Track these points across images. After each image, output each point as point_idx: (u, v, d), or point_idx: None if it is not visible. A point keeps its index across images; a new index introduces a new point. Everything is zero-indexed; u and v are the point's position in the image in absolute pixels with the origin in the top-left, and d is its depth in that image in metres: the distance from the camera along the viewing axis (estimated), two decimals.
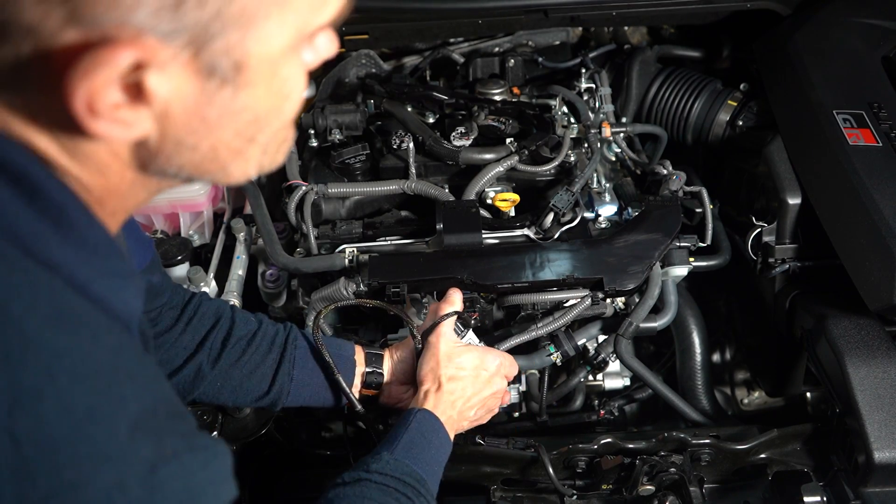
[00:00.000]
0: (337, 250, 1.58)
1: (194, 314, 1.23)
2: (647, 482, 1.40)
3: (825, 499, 1.36)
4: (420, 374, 1.29)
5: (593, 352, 1.62)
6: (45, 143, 0.68)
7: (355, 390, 1.32)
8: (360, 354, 1.33)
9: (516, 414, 1.72)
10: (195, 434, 0.72)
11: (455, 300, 1.39)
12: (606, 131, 1.84)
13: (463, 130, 1.74)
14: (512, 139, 1.74)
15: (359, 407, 1.30)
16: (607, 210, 1.68)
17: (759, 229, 1.64)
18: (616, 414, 1.78)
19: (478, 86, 1.94)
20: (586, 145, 1.82)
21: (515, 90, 1.95)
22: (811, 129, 1.61)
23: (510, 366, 1.38)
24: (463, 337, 1.39)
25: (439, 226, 1.55)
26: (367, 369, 1.32)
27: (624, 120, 2.01)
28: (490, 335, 1.55)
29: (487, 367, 1.32)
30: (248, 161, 0.76)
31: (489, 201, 1.68)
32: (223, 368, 1.21)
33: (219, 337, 1.22)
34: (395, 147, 1.72)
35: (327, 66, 2.14)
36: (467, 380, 1.28)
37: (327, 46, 0.76)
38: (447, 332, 1.33)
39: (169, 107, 0.66)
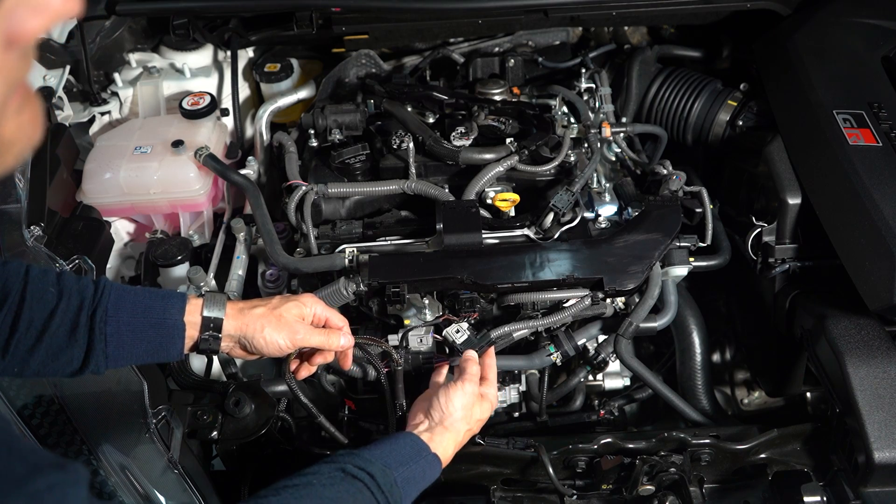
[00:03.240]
0: (337, 250, 1.58)
1: None
2: (647, 482, 1.40)
3: (825, 499, 1.36)
4: (450, 405, 1.27)
5: (593, 352, 1.62)
6: None
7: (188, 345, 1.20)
8: (193, 315, 1.19)
9: (516, 414, 1.72)
10: (35, 471, 0.65)
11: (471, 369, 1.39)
12: (606, 131, 1.84)
13: (463, 130, 1.74)
14: (512, 139, 1.74)
15: (344, 441, 1.36)
16: (607, 210, 1.68)
17: (759, 229, 1.64)
18: (616, 414, 1.78)
19: (478, 86, 1.94)
20: (586, 145, 1.82)
21: (515, 90, 1.95)
22: (811, 129, 1.61)
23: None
24: (459, 333, 1.47)
25: (439, 226, 1.55)
26: (203, 335, 1.20)
27: (624, 120, 2.01)
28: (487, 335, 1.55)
29: (484, 418, 1.34)
30: None
31: (489, 201, 1.68)
32: (18, 355, 1.08)
33: (6, 321, 1.08)
34: (395, 147, 1.72)
35: (327, 66, 2.14)
36: (470, 433, 1.31)
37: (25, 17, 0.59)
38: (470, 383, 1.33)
39: None
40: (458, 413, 1.27)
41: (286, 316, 1.25)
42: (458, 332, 1.49)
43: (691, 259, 1.63)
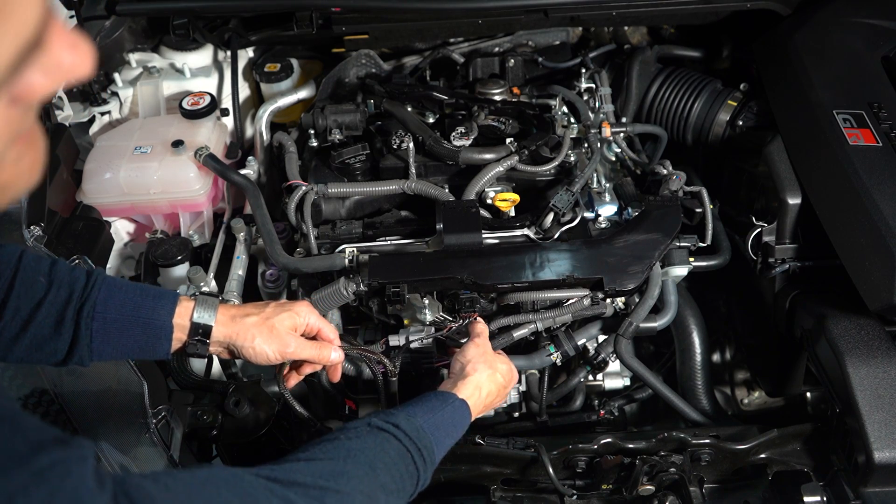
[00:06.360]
0: (337, 250, 1.58)
1: None
2: (647, 482, 1.40)
3: (825, 499, 1.36)
4: (465, 357, 1.33)
5: (593, 352, 1.62)
6: None
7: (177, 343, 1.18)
8: (183, 318, 1.18)
9: (516, 414, 1.71)
10: (38, 448, 0.64)
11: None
12: (606, 131, 1.84)
13: (463, 130, 1.74)
14: (512, 139, 1.74)
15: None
16: (607, 210, 1.68)
17: (759, 229, 1.64)
18: (616, 414, 1.78)
19: (478, 86, 1.94)
20: (586, 145, 1.82)
21: (515, 90, 1.95)
22: (811, 129, 1.61)
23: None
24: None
25: (439, 226, 1.54)
26: (191, 340, 1.18)
27: (624, 120, 2.01)
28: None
29: (514, 378, 1.39)
30: None
31: (489, 201, 1.68)
32: (2, 343, 1.08)
33: None
34: (395, 147, 1.72)
35: (327, 66, 2.14)
36: (499, 386, 1.33)
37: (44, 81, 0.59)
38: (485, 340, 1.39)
39: None
40: (477, 359, 1.32)
41: (279, 327, 1.23)
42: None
43: (691, 259, 1.63)
